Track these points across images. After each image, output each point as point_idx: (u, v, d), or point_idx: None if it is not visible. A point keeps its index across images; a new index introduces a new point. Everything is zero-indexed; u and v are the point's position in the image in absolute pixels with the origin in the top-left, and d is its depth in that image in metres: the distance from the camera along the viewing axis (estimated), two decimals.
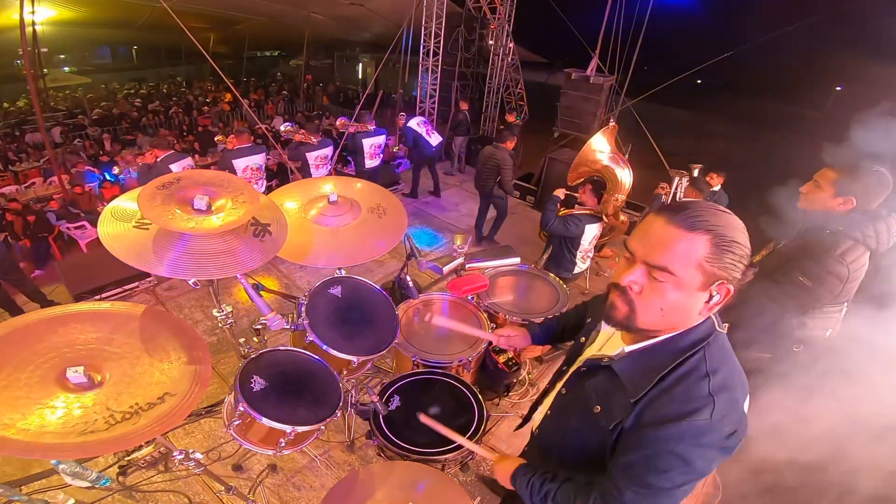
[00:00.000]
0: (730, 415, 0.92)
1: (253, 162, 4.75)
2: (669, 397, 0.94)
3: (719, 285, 0.89)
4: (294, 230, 2.08)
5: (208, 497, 2.47)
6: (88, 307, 1.60)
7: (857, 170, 1.91)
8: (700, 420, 0.90)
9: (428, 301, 2.74)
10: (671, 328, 0.98)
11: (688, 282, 0.89)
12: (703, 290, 0.90)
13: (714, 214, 0.89)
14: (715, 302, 0.91)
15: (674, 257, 0.89)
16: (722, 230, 0.87)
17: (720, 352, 0.98)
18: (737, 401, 0.95)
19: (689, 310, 0.93)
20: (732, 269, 0.88)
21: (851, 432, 2.06)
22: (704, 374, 0.93)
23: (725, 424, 0.92)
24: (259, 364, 1.83)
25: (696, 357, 0.95)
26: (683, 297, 0.91)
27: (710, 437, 0.91)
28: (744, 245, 0.89)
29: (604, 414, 1.03)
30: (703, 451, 0.91)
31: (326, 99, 15.97)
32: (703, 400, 0.91)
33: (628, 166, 3.28)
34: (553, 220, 3.28)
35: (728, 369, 0.96)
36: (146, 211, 1.49)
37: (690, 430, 0.90)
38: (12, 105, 14.27)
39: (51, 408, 1.29)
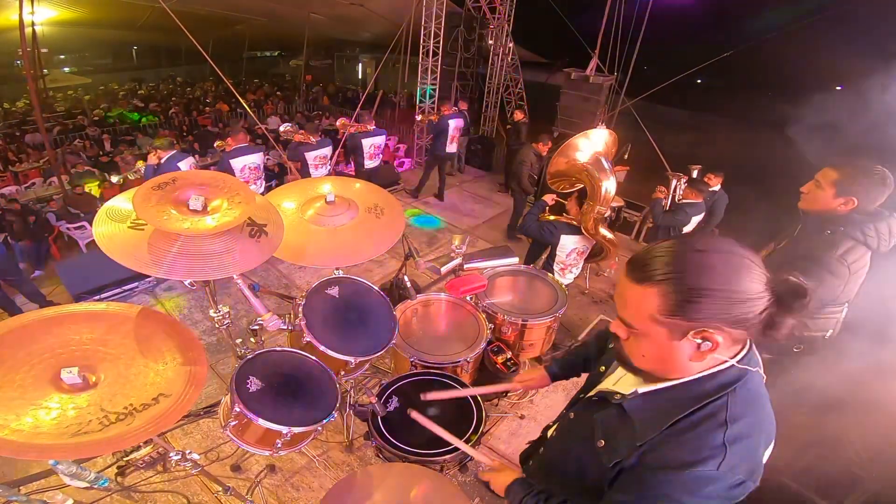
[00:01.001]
0: (741, 464, 0.86)
1: (251, 161, 4.75)
2: (678, 443, 0.88)
3: (699, 333, 0.82)
4: (291, 230, 2.07)
5: (207, 497, 2.47)
6: (84, 308, 1.60)
7: (858, 169, 1.90)
8: (705, 471, 0.84)
9: (426, 301, 2.73)
10: (669, 373, 0.93)
11: (652, 334, 0.87)
12: (677, 340, 0.85)
13: (674, 259, 0.82)
14: (707, 349, 0.84)
15: (629, 312, 0.89)
16: (680, 277, 0.80)
17: (748, 396, 0.89)
18: (753, 450, 0.89)
19: (673, 358, 0.88)
20: (709, 317, 0.80)
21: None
22: (722, 423, 0.86)
23: (734, 475, 0.85)
24: (255, 365, 1.83)
25: (717, 403, 0.87)
26: (657, 348, 0.88)
27: (713, 487, 0.85)
28: (717, 289, 0.79)
29: (606, 450, 0.99)
30: (703, 500, 0.86)
31: (327, 99, 15.98)
32: (714, 450, 0.84)
33: (613, 174, 3.00)
34: (530, 222, 3.27)
35: (753, 416, 0.89)
36: (141, 211, 1.48)
37: (692, 480, 0.85)
38: (12, 105, 14.27)
39: (45, 408, 1.28)
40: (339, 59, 21.15)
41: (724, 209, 4.75)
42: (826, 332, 2.16)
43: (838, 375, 2.05)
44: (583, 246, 3.31)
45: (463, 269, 2.70)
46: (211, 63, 5.67)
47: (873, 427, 2.22)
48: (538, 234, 3.26)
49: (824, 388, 2.07)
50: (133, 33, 15.57)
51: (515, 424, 3.06)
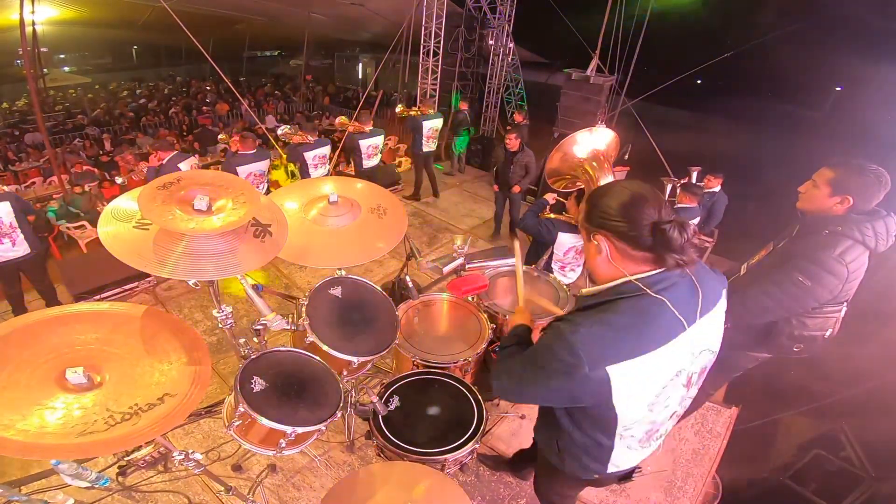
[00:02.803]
0: (592, 347, 1.07)
1: (256, 168, 4.74)
2: (570, 314, 1.20)
3: (593, 236, 1.17)
4: (294, 231, 2.07)
5: (208, 497, 2.47)
6: (88, 307, 1.60)
7: (854, 168, 1.91)
8: (561, 328, 1.11)
9: (428, 301, 2.74)
10: (594, 271, 1.24)
11: (583, 236, 1.25)
12: (589, 242, 1.21)
13: (596, 189, 1.21)
14: (604, 252, 1.15)
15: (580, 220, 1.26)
16: (592, 197, 1.19)
17: (636, 309, 1.11)
18: (605, 347, 1.08)
19: (588, 255, 1.24)
20: (591, 224, 1.17)
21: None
22: (603, 311, 1.13)
23: (576, 352, 1.06)
24: (259, 365, 1.83)
25: (611, 302, 1.13)
26: (587, 246, 1.23)
27: (561, 350, 1.09)
28: (598, 205, 1.15)
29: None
30: (549, 355, 1.12)
31: (328, 99, 15.98)
32: (579, 321, 1.11)
33: (612, 172, 2.92)
34: (530, 219, 3.28)
35: (631, 323, 1.10)
36: (146, 211, 1.49)
37: (553, 332, 1.15)
38: (13, 105, 14.25)
39: (50, 408, 1.29)
40: (339, 59, 21.13)
41: (723, 210, 4.75)
42: (825, 331, 2.17)
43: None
44: (581, 245, 3.32)
45: (465, 269, 2.71)
46: (211, 62, 5.68)
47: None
48: (536, 231, 3.27)
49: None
50: (133, 33, 15.54)
51: (516, 424, 3.06)
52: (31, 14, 10.12)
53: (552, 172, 3.13)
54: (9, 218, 3.40)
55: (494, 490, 2.61)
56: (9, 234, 3.43)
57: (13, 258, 3.52)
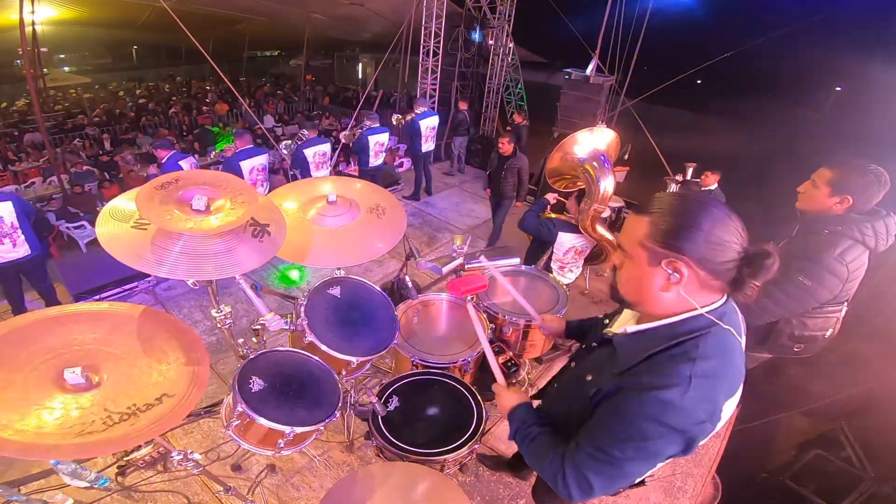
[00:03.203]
0: (703, 403, 0.93)
1: (258, 162, 4.74)
2: (650, 371, 0.98)
3: (670, 263, 0.96)
4: (293, 230, 2.07)
5: (207, 497, 2.47)
6: (86, 308, 1.60)
7: (853, 168, 1.91)
8: (670, 396, 0.91)
9: (427, 301, 2.74)
10: (644, 302, 1.06)
11: (636, 258, 1.02)
12: (653, 266, 0.99)
13: (669, 200, 0.99)
14: (675, 281, 0.97)
15: (625, 237, 1.06)
16: (665, 213, 0.97)
17: (719, 347, 0.98)
18: (715, 392, 0.96)
19: (646, 283, 1.02)
20: (680, 249, 0.94)
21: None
22: (691, 359, 0.95)
23: (696, 411, 0.92)
24: (258, 364, 1.83)
25: (690, 343, 0.98)
26: (637, 272, 1.03)
27: (677, 418, 0.92)
28: (697, 227, 0.93)
29: (592, 382, 1.10)
30: (663, 430, 0.92)
31: (328, 99, 15.98)
32: (679, 378, 0.93)
33: (612, 172, 2.94)
34: (530, 218, 3.27)
35: (719, 363, 0.97)
36: (144, 211, 1.49)
37: (658, 403, 0.92)
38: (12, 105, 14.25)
39: (48, 409, 1.28)
40: (339, 59, 21.13)
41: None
42: (826, 331, 2.16)
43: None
44: (581, 245, 3.31)
45: (464, 269, 2.70)
46: (211, 63, 5.68)
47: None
48: (536, 230, 3.27)
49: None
50: (133, 33, 15.56)
51: None
52: (31, 14, 10.12)
53: (553, 172, 3.12)
54: (10, 218, 3.39)
55: (494, 490, 2.61)
56: (10, 234, 3.42)
57: (14, 259, 3.51)
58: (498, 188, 5.15)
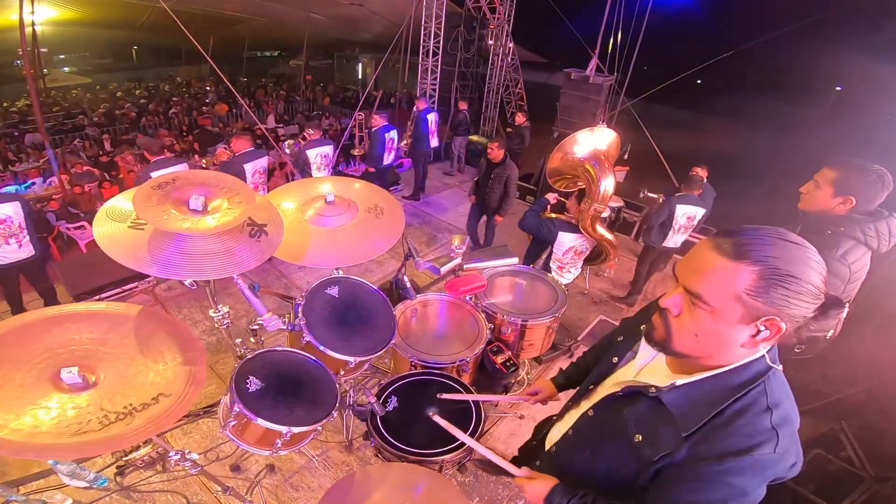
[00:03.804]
0: (791, 447, 0.90)
1: (260, 165, 4.72)
2: (729, 431, 0.90)
3: (768, 321, 0.83)
4: (291, 230, 2.07)
5: (206, 497, 2.47)
6: (83, 307, 1.60)
7: (856, 169, 1.90)
8: (765, 454, 0.87)
9: (426, 301, 2.73)
10: (710, 358, 0.94)
11: (725, 313, 0.86)
12: (745, 324, 0.85)
13: (772, 244, 0.83)
14: (763, 337, 0.86)
15: (710, 286, 0.86)
16: (775, 262, 0.81)
17: (780, 385, 0.94)
18: (796, 433, 0.93)
19: (728, 341, 0.89)
20: (786, 306, 0.82)
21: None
22: (766, 409, 0.89)
23: (788, 457, 0.90)
24: (255, 364, 1.82)
25: (756, 391, 0.91)
26: (720, 328, 0.88)
27: (773, 470, 0.89)
28: (806, 281, 0.81)
29: (647, 444, 0.99)
30: (763, 481, 0.89)
31: (328, 99, 15.98)
32: (766, 434, 0.88)
33: (612, 172, 2.95)
34: (530, 218, 3.27)
35: (789, 403, 0.94)
36: (141, 211, 1.48)
37: (755, 464, 0.87)
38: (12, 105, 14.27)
39: (45, 408, 1.28)
40: (339, 59, 21.16)
41: (712, 203, 4.74)
42: (827, 332, 2.15)
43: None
44: (581, 245, 3.30)
45: (463, 269, 2.70)
46: (211, 63, 5.68)
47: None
48: (537, 229, 3.27)
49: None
50: (133, 33, 15.56)
51: (514, 424, 3.06)
52: (31, 14, 10.12)
53: (553, 172, 3.13)
54: (18, 218, 3.40)
55: (493, 491, 2.61)
56: (16, 234, 3.43)
57: (17, 260, 3.51)
58: (483, 196, 4.87)
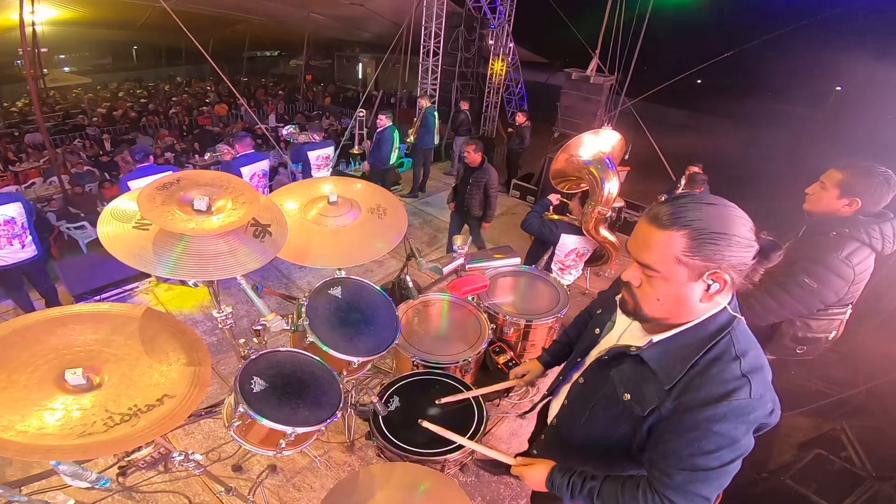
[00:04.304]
0: (766, 393, 0.96)
1: (259, 168, 4.70)
2: (705, 380, 0.97)
3: (711, 274, 0.93)
4: (294, 231, 2.07)
5: (208, 498, 2.47)
6: (87, 308, 1.60)
7: (862, 170, 1.90)
8: (742, 399, 0.93)
9: (428, 301, 2.74)
10: (677, 316, 1.02)
11: (673, 275, 0.95)
12: (693, 281, 0.95)
13: (694, 209, 0.92)
14: (715, 290, 0.94)
15: (653, 255, 0.96)
16: (700, 223, 0.91)
17: (744, 336, 1.00)
18: (768, 379, 0.99)
19: (686, 300, 0.98)
20: (721, 259, 0.91)
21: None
22: (734, 357, 0.96)
23: (764, 402, 0.95)
24: (259, 365, 1.83)
25: (724, 342, 0.98)
26: (674, 289, 0.97)
27: (755, 414, 0.94)
28: (730, 234, 0.90)
29: (635, 401, 1.06)
30: (748, 426, 0.95)
31: (328, 99, 15.98)
32: (739, 380, 0.94)
33: (616, 174, 2.95)
34: (533, 219, 3.27)
35: (756, 351, 1.00)
36: (146, 211, 1.49)
37: (733, 410, 0.93)
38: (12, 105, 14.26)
39: (49, 409, 1.28)
40: (339, 59, 21.15)
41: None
42: (829, 333, 2.16)
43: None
44: (583, 247, 3.31)
45: (465, 269, 2.70)
46: (211, 63, 5.67)
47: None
48: (539, 231, 3.27)
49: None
50: (133, 33, 15.57)
51: (516, 424, 3.06)
52: (31, 14, 10.11)
53: (557, 174, 3.13)
54: (21, 219, 3.39)
55: (495, 490, 2.61)
56: (20, 235, 3.41)
57: (20, 260, 3.49)
58: (462, 203, 4.64)
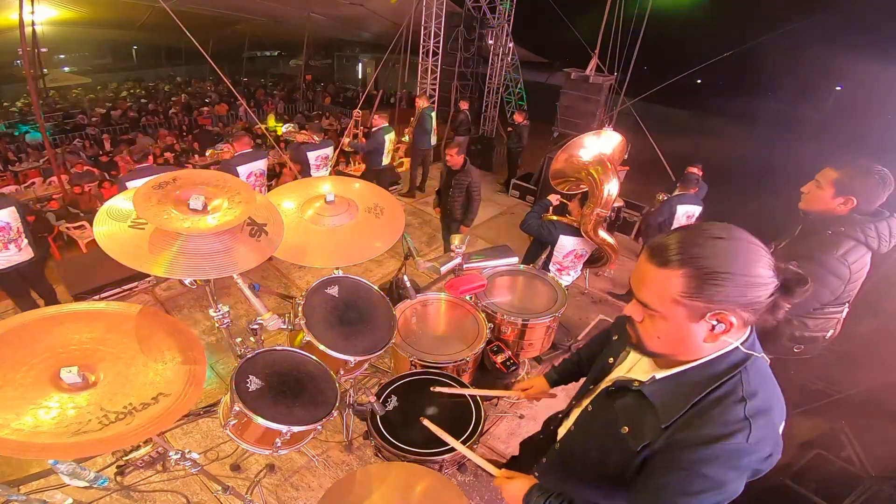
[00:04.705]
0: (766, 438, 0.91)
1: (257, 168, 4.69)
2: (703, 420, 0.92)
3: (715, 315, 0.87)
4: (291, 230, 2.07)
5: (206, 497, 2.47)
6: (83, 307, 1.60)
7: (858, 169, 1.90)
8: (735, 443, 0.88)
9: (426, 301, 2.73)
10: (682, 354, 0.97)
11: (671, 315, 0.91)
12: (694, 322, 0.89)
13: (699, 244, 0.87)
14: (721, 331, 0.89)
15: (650, 294, 0.93)
16: (702, 262, 0.85)
17: (759, 377, 0.95)
18: (774, 424, 0.94)
19: (687, 339, 0.93)
20: (726, 299, 0.85)
21: None
22: (740, 399, 0.91)
23: (763, 447, 0.91)
24: (255, 364, 1.82)
25: (733, 381, 0.93)
26: (674, 329, 0.93)
27: (747, 460, 0.90)
28: (738, 273, 0.84)
29: (632, 435, 1.02)
30: (738, 472, 0.90)
31: (328, 99, 15.98)
32: (739, 424, 0.89)
33: (616, 176, 2.95)
34: (532, 219, 3.27)
35: (767, 393, 0.94)
36: (141, 210, 1.48)
37: (725, 453, 0.89)
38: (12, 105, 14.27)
39: (45, 408, 1.28)
40: (339, 59, 21.17)
41: (703, 198, 4.76)
42: (826, 332, 2.16)
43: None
44: (581, 249, 3.30)
45: (462, 268, 2.70)
46: (211, 63, 5.67)
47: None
48: (538, 231, 3.27)
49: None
50: (133, 33, 15.57)
51: (514, 424, 3.06)
52: (31, 14, 10.11)
53: (556, 174, 3.12)
54: (16, 224, 3.37)
55: (493, 490, 2.61)
56: (15, 239, 3.39)
57: (17, 263, 3.47)
58: (446, 206, 4.59)
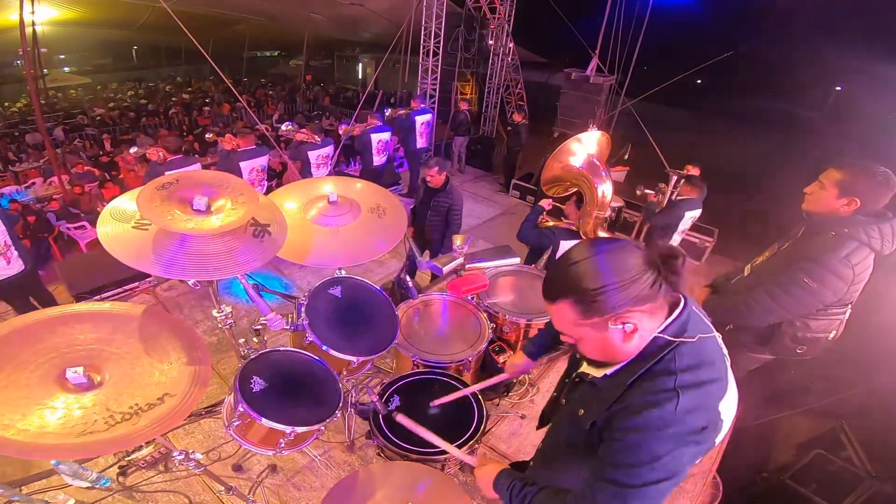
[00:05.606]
0: (698, 410, 0.94)
1: (258, 164, 4.70)
2: (635, 394, 0.98)
3: (616, 321, 0.93)
4: (294, 230, 2.08)
5: (208, 497, 2.47)
6: (88, 307, 1.60)
7: (862, 170, 1.90)
8: (662, 410, 0.92)
9: (428, 301, 2.74)
10: (616, 357, 1.04)
11: (584, 335, 1.00)
12: (605, 332, 0.96)
13: (565, 275, 0.96)
14: (631, 329, 0.95)
15: (558, 325, 1.02)
16: (576, 286, 0.93)
17: (696, 354, 0.98)
18: (709, 397, 0.97)
19: (610, 346, 0.99)
20: (613, 307, 0.92)
21: None
22: (671, 372, 0.96)
23: (693, 419, 0.93)
24: (259, 364, 1.83)
25: (666, 358, 0.98)
26: (594, 342, 1.01)
27: (675, 428, 0.92)
28: (610, 283, 0.90)
29: (584, 416, 1.11)
30: (668, 444, 0.92)
31: (328, 99, 15.98)
32: (667, 393, 0.93)
33: (610, 178, 2.93)
34: (528, 229, 3.22)
35: (705, 371, 0.97)
36: (145, 211, 1.49)
37: (652, 420, 0.92)
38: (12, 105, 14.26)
39: (51, 408, 1.29)
40: (339, 59, 21.15)
41: (702, 201, 4.76)
42: (829, 333, 2.16)
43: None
44: None
45: (465, 268, 2.70)
46: (211, 63, 5.67)
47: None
48: (536, 241, 3.21)
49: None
50: (133, 33, 15.55)
51: (516, 424, 3.06)
52: (31, 14, 10.11)
53: (550, 180, 3.12)
54: (2, 238, 3.22)
55: None
56: (4, 252, 3.25)
57: (8, 276, 3.33)
58: (421, 228, 3.89)
